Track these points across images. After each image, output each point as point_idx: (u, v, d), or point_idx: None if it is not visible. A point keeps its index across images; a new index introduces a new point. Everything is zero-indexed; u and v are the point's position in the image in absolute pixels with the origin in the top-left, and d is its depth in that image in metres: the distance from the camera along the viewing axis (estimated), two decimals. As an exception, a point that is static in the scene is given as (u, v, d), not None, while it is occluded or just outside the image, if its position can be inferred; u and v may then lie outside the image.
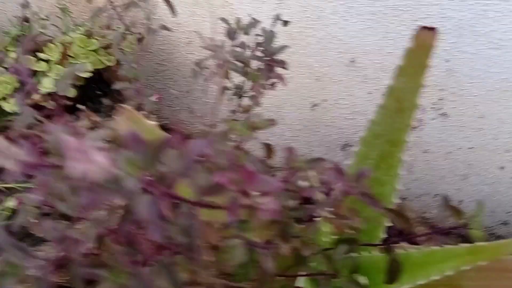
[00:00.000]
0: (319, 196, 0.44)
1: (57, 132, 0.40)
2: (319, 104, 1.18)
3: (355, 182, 0.40)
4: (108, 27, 0.93)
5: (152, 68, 1.07)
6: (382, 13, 0.88)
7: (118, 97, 1.14)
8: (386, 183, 0.65)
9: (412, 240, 0.68)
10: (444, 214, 0.57)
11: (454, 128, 1.05)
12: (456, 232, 0.60)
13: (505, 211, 1.17)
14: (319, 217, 0.53)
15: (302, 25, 0.99)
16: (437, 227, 0.55)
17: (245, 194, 0.33)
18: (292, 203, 0.45)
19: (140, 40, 0.99)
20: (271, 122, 0.56)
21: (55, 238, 0.36)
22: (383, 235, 0.79)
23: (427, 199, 1.32)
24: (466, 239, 0.61)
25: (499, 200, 1.16)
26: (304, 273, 0.59)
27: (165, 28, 0.66)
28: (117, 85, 0.64)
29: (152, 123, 0.61)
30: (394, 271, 0.59)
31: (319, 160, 0.47)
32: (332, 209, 0.42)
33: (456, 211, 0.51)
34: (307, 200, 0.48)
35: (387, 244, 0.60)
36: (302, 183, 0.46)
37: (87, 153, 0.26)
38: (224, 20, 0.64)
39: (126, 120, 0.61)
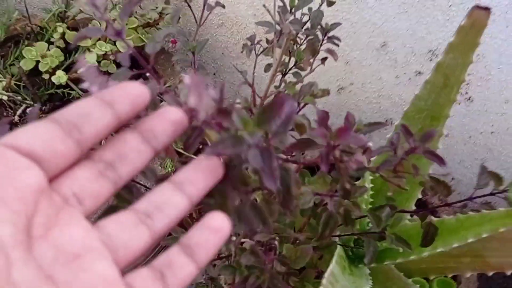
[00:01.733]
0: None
1: (154, 86, 0.44)
2: (345, 87, 1.22)
3: (421, 142, 0.44)
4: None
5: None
6: (418, -2, 0.91)
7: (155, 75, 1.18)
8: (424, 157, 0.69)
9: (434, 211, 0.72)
10: (481, 182, 0.61)
11: (478, 113, 1.09)
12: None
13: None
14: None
15: (336, 8, 1.03)
16: (473, 196, 0.59)
17: (334, 148, 0.37)
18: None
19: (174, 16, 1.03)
20: (327, 92, 0.60)
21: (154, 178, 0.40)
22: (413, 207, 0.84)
23: (445, 183, 1.37)
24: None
25: (517, 184, 1.21)
26: (350, 232, 0.63)
27: (220, 4, 0.70)
28: (174, 57, 0.68)
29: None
30: (430, 235, 0.63)
31: (379, 123, 0.51)
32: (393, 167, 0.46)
33: (496, 177, 0.55)
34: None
35: (423, 210, 0.64)
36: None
37: (204, 89, 0.30)
38: (280, -1, 0.67)
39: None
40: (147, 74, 0.60)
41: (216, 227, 0.31)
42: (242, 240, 0.62)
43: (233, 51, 1.27)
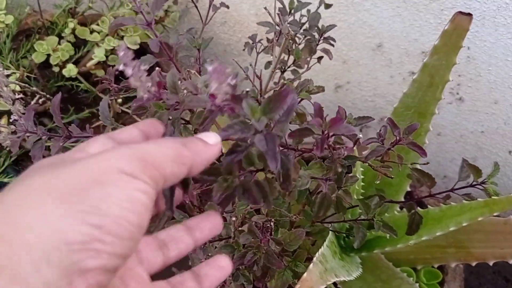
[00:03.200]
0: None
1: (174, 73, 0.49)
2: (342, 85, 1.27)
3: (405, 134, 0.49)
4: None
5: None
6: (412, 2, 0.96)
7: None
8: (411, 150, 0.74)
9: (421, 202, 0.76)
10: (463, 175, 0.66)
11: (468, 113, 1.14)
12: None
13: (510, 193, 1.26)
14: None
15: (334, 9, 1.08)
16: (455, 187, 0.64)
17: (328, 136, 0.42)
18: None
19: (182, 16, 1.08)
20: (321, 88, 0.65)
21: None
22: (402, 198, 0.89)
23: (436, 181, 1.41)
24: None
25: (505, 183, 1.25)
26: (341, 219, 0.68)
27: (225, 5, 0.74)
28: (180, 54, 0.72)
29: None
30: (415, 223, 0.68)
31: (367, 117, 0.56)
32: (381, 157, 0.51)
33: (476, 169, 0.60)
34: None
35: (409, 201, 0.69)
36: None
37: (227, 76, 0.35)
38: (279, 0, 0.72)
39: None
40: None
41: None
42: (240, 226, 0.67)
43: (235, 48, 1.32)
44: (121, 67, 0.37)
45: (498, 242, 0.79)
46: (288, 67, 0.82)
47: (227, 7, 0.76)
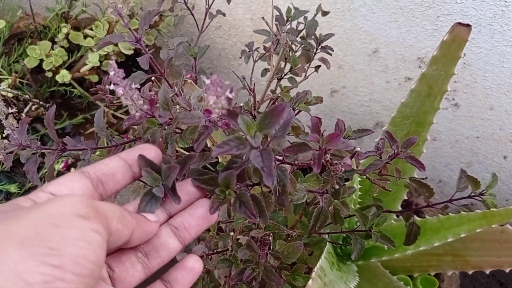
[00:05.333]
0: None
1: (166, 90, 0.48)
2: (338, 90, 1.26)
3: (404, 148, 0.49)
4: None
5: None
6: (409, 8, 0.96)
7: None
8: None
9: (418, 211, 0.76)
10: (461, 186, 0.66)
11: (464, 118, 1.14)
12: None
13: (504, 198, 1.26)
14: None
15: (331, 15, 1.07)
16: (454, 198, 0.63)
17: (326, 152, 0.41)
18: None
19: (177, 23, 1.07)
20: (320, 99, 0.64)
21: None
22: (399, 207, 0.89)
23: (431, 185, 1.41)
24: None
25: (500, 187, 1.26)
26: (339, 230, 0.68)
27: (221, 13, 0.73)
28: (177, 62, 0.71)
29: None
30: (413, 234, 0.67)
31: (366, 130, 0.55)
32: (379, 170, 0.50)
33: (474, 181, 0.60)
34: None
35: (407, 210, 0.69)
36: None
37: (223, 89, 0.34)
38: (276, 8, 0.71)
39: (188, 91, 0.69)
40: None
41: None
42: (238, 236, 0.66)
43: (230, 52, 1.31)
44: (112, 87, 0.37)
45: (495, 251, 0.78)
46: (285, 75, 0.81)
47: (224, 14, 0.75)
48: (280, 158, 0.42)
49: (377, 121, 1.27)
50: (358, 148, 0.50)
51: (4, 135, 0.48)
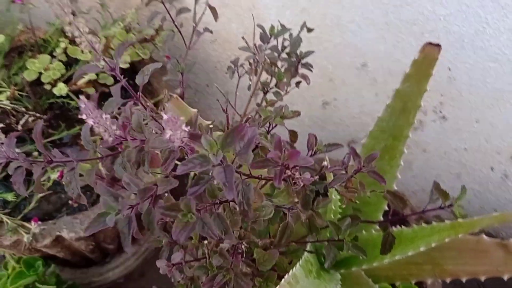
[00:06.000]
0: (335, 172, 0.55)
1: (139, 114, 0.51)
2: (329, 102, 1.29)
3: (367, 163, 0.52)
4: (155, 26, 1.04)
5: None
6: (395, 24, 0.99)
7: (148, 88, 1.26)
8: (388, 171, 0.77)
9: (404, 220, 0.79)
10: (433, 197, 0.68)
11: (452, 131, 1.16)
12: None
13: (493, 208, 1.28)
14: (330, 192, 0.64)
15: (321, 30, 1.10)
16: (426, 209, 0.66)
17: (287, 168, 0.44)
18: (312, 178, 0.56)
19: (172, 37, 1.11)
20: (297, 113, 0.67)
21: (137, 189, 0.47)
22: (380, 217, 0.91)
23: (422, 195, 1.44)
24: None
25: (488, 198, 1.28)
26: (315, 240, 0.70)
27: (208, 30, 0.77)
28: (165, 77, 0.75)
29: (194, 110, 0.73)
30: (389, 243, 0.70)
31: (336, 144, 0.59)
32: (344, 183, 0.53)
33: (444, 194, 0.63)
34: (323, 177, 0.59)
35: (384, 222, 0.72)
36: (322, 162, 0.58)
37: (179, 126, 0.37)
38: (259, 26, 0.75)
39: (174, 107, 0.72)
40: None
41: None
42: (221, 244, 0.69)
43: (225, 65, 1.35)
44: (84, 117, 0.40)
45: (470, 259, 0.81)
46: (271, 89, 0.85)
47: (211, 32, 0.79)
48: (246, 173, 0.45)
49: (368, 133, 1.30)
50: (325, 163, 0.53)
51: (-6, 148, 0.51)
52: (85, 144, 0.62)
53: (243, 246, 0.56)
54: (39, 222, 0.94)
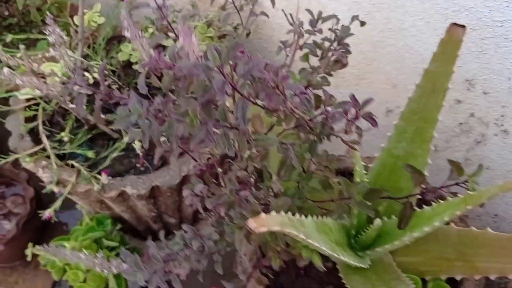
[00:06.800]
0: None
1: (174, 46, 0.62)
2: (393, 110, 1.32)
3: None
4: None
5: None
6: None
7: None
8: (419, 156, 0.80)
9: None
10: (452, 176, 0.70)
11: (515, 146, 1.13)
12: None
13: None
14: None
15: (384, 35, 1.15)
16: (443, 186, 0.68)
17: (279, 89, 0.51)
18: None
19: (248, 34, 1.23)
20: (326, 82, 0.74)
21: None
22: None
23: (486, 219, 1.38)
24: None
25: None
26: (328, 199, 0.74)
27: (264, 14, 0.87)
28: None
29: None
30: (406, 217, 0.73)
31: (347, 102, 0.64)
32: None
33: (458, 168, 0.65)
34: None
35: (405, 197, 0.74)
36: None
37: (190, 35, 0.47)
38: (309, 11, 0.83)
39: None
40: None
41: None
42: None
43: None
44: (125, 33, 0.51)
45: (502, 257, 0.80)
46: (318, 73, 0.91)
47: (267, 15, 0.88)
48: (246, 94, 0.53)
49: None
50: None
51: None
52: (140, 89, 0.74)
53: (251, 179, 0.62)
54: (110, 177, 1.08)
